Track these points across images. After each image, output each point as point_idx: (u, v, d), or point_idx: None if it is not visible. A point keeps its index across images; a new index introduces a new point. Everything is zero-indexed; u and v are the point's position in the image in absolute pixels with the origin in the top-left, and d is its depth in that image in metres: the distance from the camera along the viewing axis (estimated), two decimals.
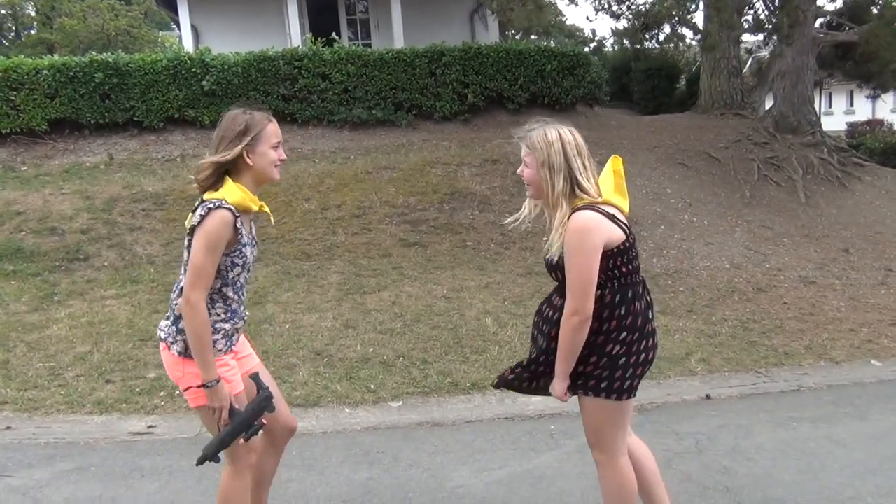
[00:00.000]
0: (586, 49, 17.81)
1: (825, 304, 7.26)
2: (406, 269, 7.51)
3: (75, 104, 10.38)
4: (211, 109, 10.64)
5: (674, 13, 11.76)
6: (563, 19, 33.33)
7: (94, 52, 10.94)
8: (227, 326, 2.66)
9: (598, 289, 2.47)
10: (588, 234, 2.43)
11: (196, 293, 2.47)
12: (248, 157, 2.59)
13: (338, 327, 6.21)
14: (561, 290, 2.59)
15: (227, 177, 2.58)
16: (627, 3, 11.12)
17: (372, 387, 5.23)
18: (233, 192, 2.55)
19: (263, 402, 2.63)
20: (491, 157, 10.05)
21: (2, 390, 5.09)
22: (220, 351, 2.62)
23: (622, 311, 2.54)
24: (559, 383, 2.59)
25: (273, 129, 2.66)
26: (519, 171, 2.70)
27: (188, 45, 13.87)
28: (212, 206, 2.50)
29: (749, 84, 14.93)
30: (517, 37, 22.27)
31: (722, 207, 9.62)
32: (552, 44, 13.50)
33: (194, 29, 14.87)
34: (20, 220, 8.10)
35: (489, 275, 7.49)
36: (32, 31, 34.66)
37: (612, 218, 2.51)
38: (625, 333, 2.54)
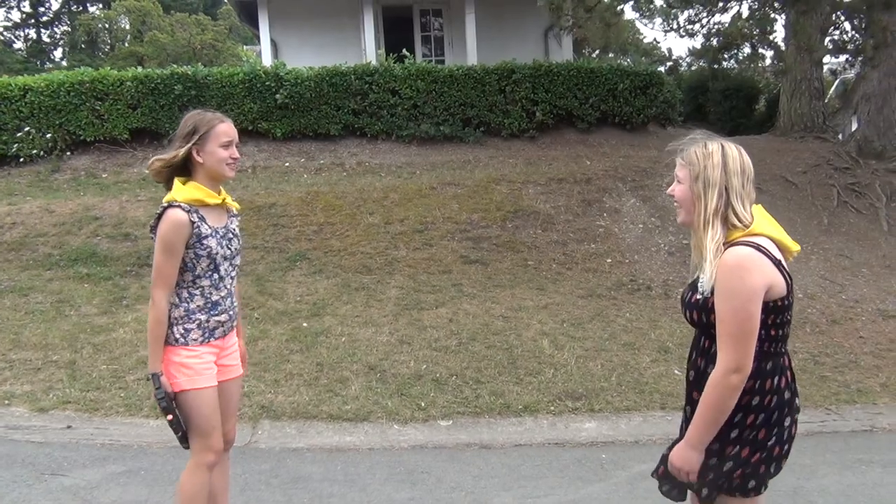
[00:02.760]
0: (661, 68, 17.48)
1: None
2: (465, 287, 7.47)
3: (155, 114, 10.76)
4: (283, 122, 10.88)
5: (753, 33, 11.41)
6: (641, 37, 32.96)
7: (175, 65, 11.34)
8: (203, 317, 2.77)
9: None
10: (748, 273, 2.05)
11: (156, 291, 2.69)
12: (197, 155, 2.73)
13: (393, 342, 6.21)
14: (714, 341, 2.17)
15: (176, 176, 2.75)
16: (700, 22, 10.85)
17: (423, 404, 5.20)
18: (181, 190, 2.72)
19: (160, 400, 2.72)
20: (557, 176, 9.94)
21: (67, 390, 5.27)
22: (195, 340, 2.75)
23: (763, 385, 2.15)
24: (694, 454, 2.17)
25: (224, 128, 2.77)
26: (669, 189, 2.35)
27: (267, 59, 14.24)
28: (163, 208, 2.70)
29: (833, 107, 14.36)
30: (593, 55, 22.10)
31: (797, 234, 9.23)
32: (627, 62, 13.28)
33: (274, 43, 15.27)
34: (97, 225, 8.42)
35: (549, 295, 7.38)
36: (125, 44, 36.32)
37: (778, 263, 2.11)
38: (763, 414, 2.15)
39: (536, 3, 12.28)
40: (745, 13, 10.79)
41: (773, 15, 11.28)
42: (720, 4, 9.58)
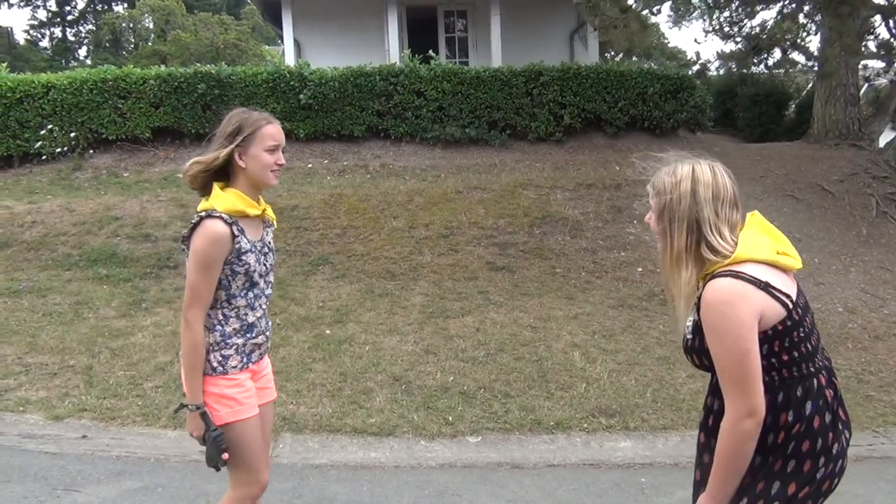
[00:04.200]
0: (689, 72, 17.20)
1: None
2: (492, 295, 7.24)
3: (178, 114, 10.64)
4: (307, 123, 10.72)
5: (787, 37, 11.11)
6: (666, 41, 32.62)
7: (198, 64, 11.22)
8: (241, 342, 2.52)
9: None
10: (731, 307, 1.81)
11: (192, 312, 2.40)
12: (239, 159, 2.45)
13: (418, 352, 6.00)
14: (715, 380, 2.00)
15: (214, 183, 2.46)
16: (740, 24, 10.56)
17: (450, 419, 4.98)
18: (221, 199, 2.42)
19: (216, 440, 2.45)
20: (585, 182, 9.69)
21: (83, 397, 5.11)
22: (234, 367, 2.50)
23: (789, 418, 1.89)
24: None
25: (270, 130, 2.48)
26: (646, 218, 2.11)
27: (290, 59, 14.11)
28: (199, 217, 2.40)
29: (866, 113, 13.99)
30: (618, 58, 21.81)
31: (835, 245, 8.93)
32: (651, 65, 13.00)
33: (297, 43, 15.15)
34: (117, 226, 8.29)
35: (578, 305, 7.14)
36: (149, 43, 36.49)
37: (765, 286, 1.85)
38: (792, 444, 1.89)
39: (563, 6, 12.08)
40: (782, 15, 10.48)
41: (805, 20, 11.00)
42: (759, 6, 9.28)
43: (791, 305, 1.88)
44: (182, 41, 29.74)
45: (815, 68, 10.66)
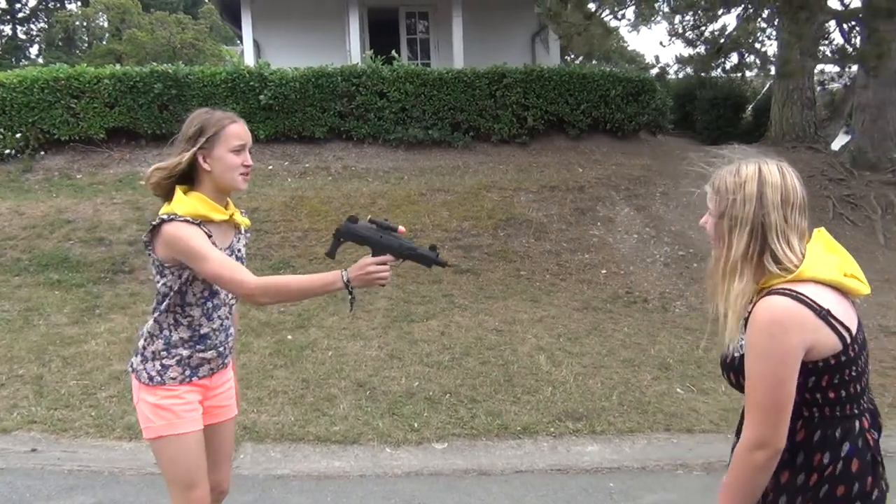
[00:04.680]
0: (649, 75, 17.38)
1: None
2: (456, 298, 7.17)
3: (133, 114, 10.36)
4: (267, 124, 10.53)
5: (746, 41, 11.26)
6: (625, 45, 32.97)
7: (155, 63, 10.95)
8: (186, 353, 2.35)
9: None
10: (782, 331, 1.63)
11: (237, 281, 2.19)
12: (203, 161, 2.30)
13: (382, 357, 5.90)
14: None
15: (177, 187, 2.30)
16: (701, 28, 10.67)
17: (416, 425, 4.89)
18: (182, 203, 2.27)
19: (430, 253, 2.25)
20: (549, 184, 9.68)
21: (33, 408, 4.91)
22: (172, 379, 2.34)
23: (824, 459, 1.71)
24: None
25: (235, 129, 2.33)
26: (701, 221, 1.90)
27: (249, 60, 13.89)
28: (160, 220, 2.24)
29: (822, 117, 14.27)
30: (578, 61, 21.94)
31: None
32: (610, 69, 13.08)
33: (256, 44, 14.92)
34: (69, 229, 8.03)
35: (543, 307, 7.10)
36: (104, 42, 35.71)
37: (825, 315, 1.66)
38: (825, 487, 1.70)
39: (525, 8, 12.06)
40: (741, 20, 10.62)
41: (764, 25, 11.17)
42: (720, 10, 9.39)
43: (849, 340, 1.68)
44: (138, 40, 29.14)
45: (773, 72, 10.79)
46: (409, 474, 4.28)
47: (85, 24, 38.23)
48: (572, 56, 22.97)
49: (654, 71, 16.81)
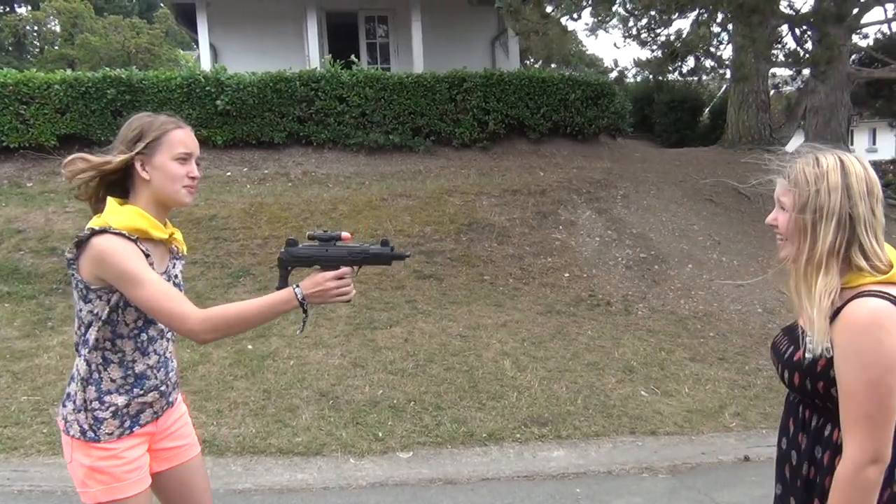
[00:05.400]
0: (608, 79, 17.58)
1: None
2: (420, 304, 7.11)
3: (86, 120, 10.10)
4: (224, 129, 10.35)
5: (701, 45, 11.43)
6: (584, 49, 33.28)
7: (108, 68, 10.70)
8: (122, 401, 2.01)
9: None
10: (888, 334, 1.53)
11: (181, 311, 1.89)
12: (142, 169, 2.00)
13: (346, 365, 5.81)
14: (821, 414, 1.72)
15: (109, 198, 2.00)
16: (656, 32, 10.80)
17: (380, 434, 4.82)
18: (117, 214, 1.96)
19: (385, 249, 2.08)
20: (511, 187, 9.68)
21: None
22: (108, 435, 1.99)
23: None
24: None
25: (179, 136, 2.04)
26: (770, 218, 1.79)
27: (206, 65, 13.66)
28: (89, 232, 1.92)
29: (777, 119, 14.55)
30: (537, 65, 22.07)
31: (752, 247, 9.18)
32: (569, 73, 13.18)
33: (213, 48, 14.69)
34: (20, 239, 7.79)
35: (507, 312, 7.08)
36: (55, 47, 34.91)
37: None
38: None
39: (484, 13, 12.07)
40: (696, 24, 10.77)
41: (718, 29, 11.35)
42: (675, 15, 9.51)
43: None
44: (91, 45, 28.54)
45: (728, 75, 10.98)
46: (373, 485, 4.22)
47: (36, 28, 37.36)
48: (532, 60, 23.11)
49: (613, 75, 17.07)
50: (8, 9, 41.81)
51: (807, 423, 1.75)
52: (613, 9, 9.22)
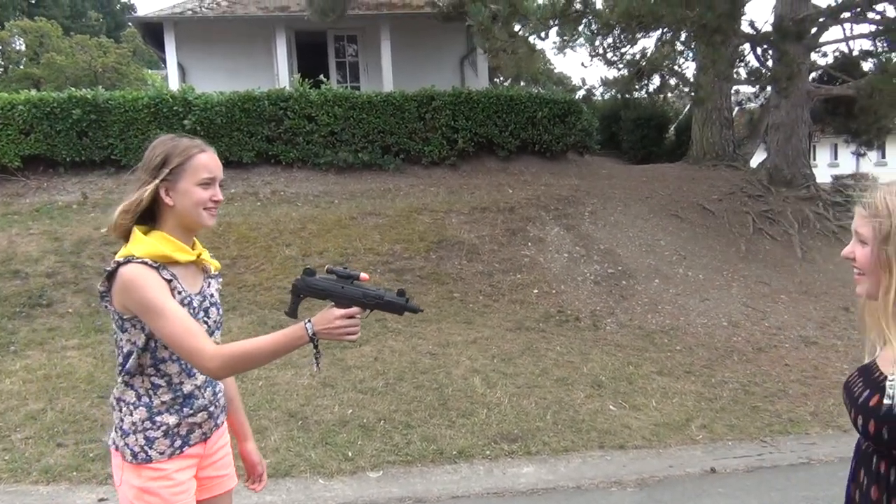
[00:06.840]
0: (576, 97, 17.78)
1: (828, 366, 6.92)
2: (389, 322, 7.11)
3: (51, 141, 10.01)
4: None
5: (665, 64, 11.65)
6: (552, 67, 33.63)
7: (73, 88, 10.61)
8: (172, 420, 2.03)
9: None
10: None
11: (199, 348, 1.85)
12: (166, 195, 2.01)
13: (315, 385, 5.79)
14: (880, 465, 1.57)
15: (135, 227, 2.01)
16: (622, 51, 11.00)
17: (350, 454, 4.81)
18: (141, 243, 1.97)
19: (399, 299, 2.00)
20: (480, 205, 9.75)
21: None
22: (161, 455, 2.01)
23: None
24: None
25: (203, 161, 2.03)
26: (846, 251, 1.66)
27: (174, 84, 13.60)
28: (115, 265, 1.94)
29: (741, 136, 14.84)
30: (506, 84, 22.27)
31: (717, 261, 9.33)
32: (538, 90, 13.34)
33: (181, 67, 14.63)
34: None
35: (477, 329, 7.11)
36: (20, 66, 34.46)
37: None
38: None
39: (453, 31, 12.19)
40: (659, 43, 10.99)
41: (681, 48, 11.58)
42: (639, 34, 9.70)
43: None
44: (57, 64, 28.21)
45: (692, 94, 11.21)
46: None
47: (0, 47, 36.90)
48: (500, 79, 23.32)
49: (581, 93, 17.28)
50: None
51: (881, 476, 1.57)
52: (580, 28, 9.37)
